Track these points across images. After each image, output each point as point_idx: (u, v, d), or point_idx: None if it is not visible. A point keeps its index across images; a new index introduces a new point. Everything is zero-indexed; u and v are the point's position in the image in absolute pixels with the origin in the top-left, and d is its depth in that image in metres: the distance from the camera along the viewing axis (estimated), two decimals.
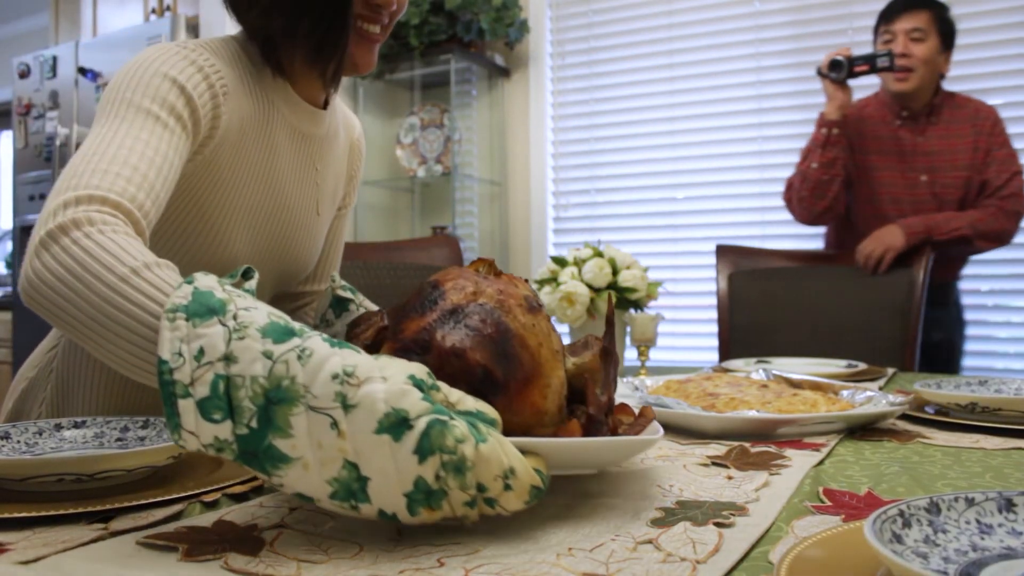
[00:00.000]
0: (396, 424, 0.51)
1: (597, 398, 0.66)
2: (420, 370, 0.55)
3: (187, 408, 0.52)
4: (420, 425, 0.51)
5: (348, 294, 1.02)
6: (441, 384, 0.56)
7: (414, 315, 0.63)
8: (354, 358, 0.54)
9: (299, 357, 0.53)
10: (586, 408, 0.66)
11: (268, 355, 0.53)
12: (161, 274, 0.63)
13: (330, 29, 0.93)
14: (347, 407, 0.52)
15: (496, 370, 0.60)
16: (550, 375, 0.63)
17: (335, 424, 0.52)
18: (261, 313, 0.56)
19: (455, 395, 0.56)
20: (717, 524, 0.58)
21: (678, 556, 0.51)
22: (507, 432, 0.58)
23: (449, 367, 0.60)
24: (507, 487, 0.53)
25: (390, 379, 0.53)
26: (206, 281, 0.58)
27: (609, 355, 0.69)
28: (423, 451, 0.51)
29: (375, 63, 1.01)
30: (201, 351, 0.53)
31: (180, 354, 0.53)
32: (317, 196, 1.09)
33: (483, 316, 0.62)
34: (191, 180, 0.91)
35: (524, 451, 0.56)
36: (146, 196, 0.77)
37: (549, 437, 0.62)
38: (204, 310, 0.55)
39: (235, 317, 0.55)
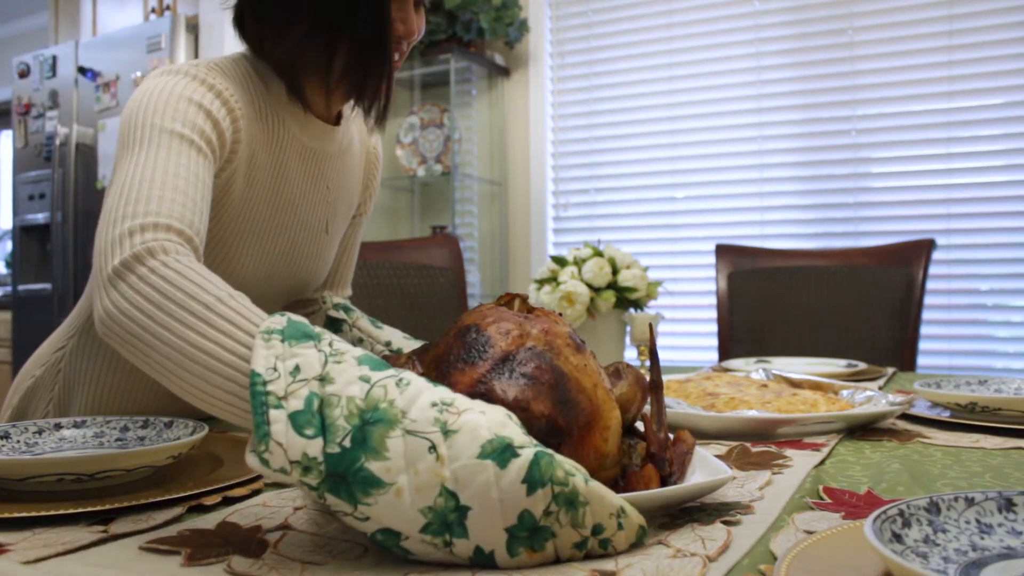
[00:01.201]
0: (501, 450, 0.49)
1: (656, 436, 0.63)
2: (514, 428, 0.52)
3: (278, 418, 0.50)
4: (527, 454, 0.49)
5: (341, 314, 1.01)
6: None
7: (462, 365, 0.60)
8: (451, 394, 0.53)
9: (397, 384, 0.52)
10: (646, 445, 0.64)
11: (365, 379, 0.52)
12: (244, 303, 0.61)
13: (371, 66, 0.93)
14: (447, 432, 0.50)
15: (559, 419, 0.58)
16: (608, 417, 0.61)
17: (434, 448, 0.49)
18: (355, 348, 0.56)
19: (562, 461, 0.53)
20: (725, 522, 0.58)
21: (688, 552, 0.52)
22: None
23: None
24: (620, 526, 0.51)
25: (489, 412, 0.51)
26: (297, 316, 0.58)
27: (659, 388, 0.67)
28: (532, 481, 0.48)
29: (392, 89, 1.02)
30: (297, 368, 0.52)
31: (275, 369, 0.52)
32: (327, 215, 1.08)
33: (538, 363, 0.59)
34: None
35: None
36: (199, 220, 0.77)
37: (623, 486, 0.61)
38: (300, 334, 0.55)
39: (331, 344, 0.55)
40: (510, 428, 0.50)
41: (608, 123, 3.31)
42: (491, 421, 0.50)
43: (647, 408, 0.67)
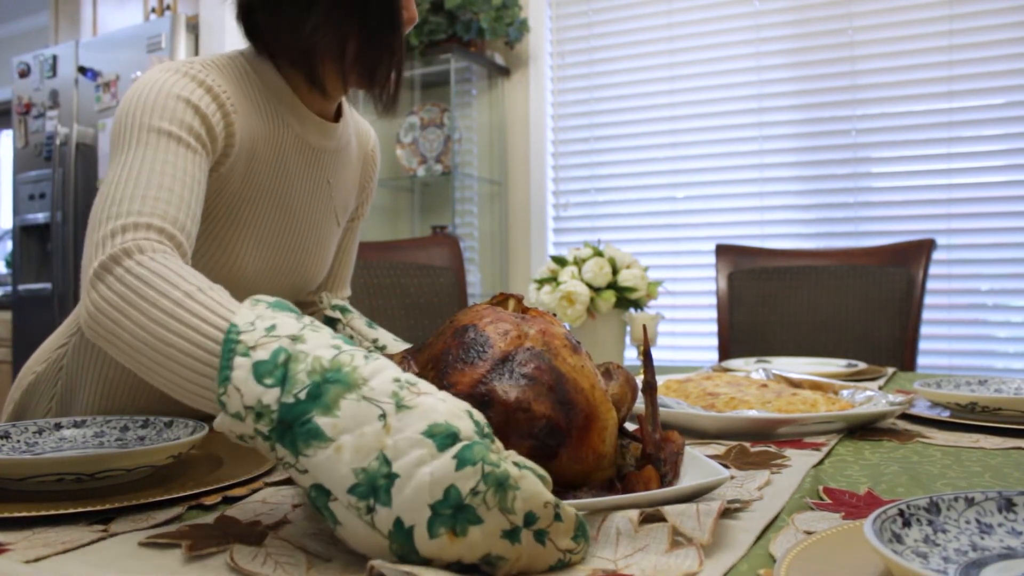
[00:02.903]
0: (444, 435, 0.48)
1: (652, 436, 0.63)
2: (481, 416, 0.51)
3: (242, 364, 0.53)
4: (466, 442, 0.49)
5: (337, 314, 1.02)
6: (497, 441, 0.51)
7: (461, 365, 0.59)
8: (416, 377, 0.53)
9: (366, 357, 0.53)
10: (641, 446, 0.64)
11: (336, 347, 0.54)
12: (216, 296, 0.62)
13: (383, 51, 0.94)
14: (400, 406, 0.50)
15: (559, 420, 0.58)
16: (606, 417, 0.61)
17: (384, 416, 0.50)
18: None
19: (509, 454, 0.51)
20: (723, 517, 0.58)
21: (684, 540, 0.52)
22: (569, 481, 0.58)
23: (515, 422, 0.57)
24: (557, 517, 0.49)
25: (449, 401, 0.51)
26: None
27: (653, 389, 0.66)
28: (463, 459, 0.47)
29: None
30: (273, 327, 0.55)
31: (252, 324, 0.55)
32: (334, 209, 1.09)
33: (537, 363, 0.59)
34: (207, 202, 0.92)
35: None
36: (186, 216, 0.79)
37: (622, 488, 0.61)
38: (285, 307, 0.58)
39: (312, 323, 0.57)
40: (464, 422, 0.50)
41: (608, 123, 3.31)
42: (448, 410, 0.50)
43: (641, 408, 0.67)
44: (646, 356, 0.68)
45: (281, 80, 0.98)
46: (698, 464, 0.67)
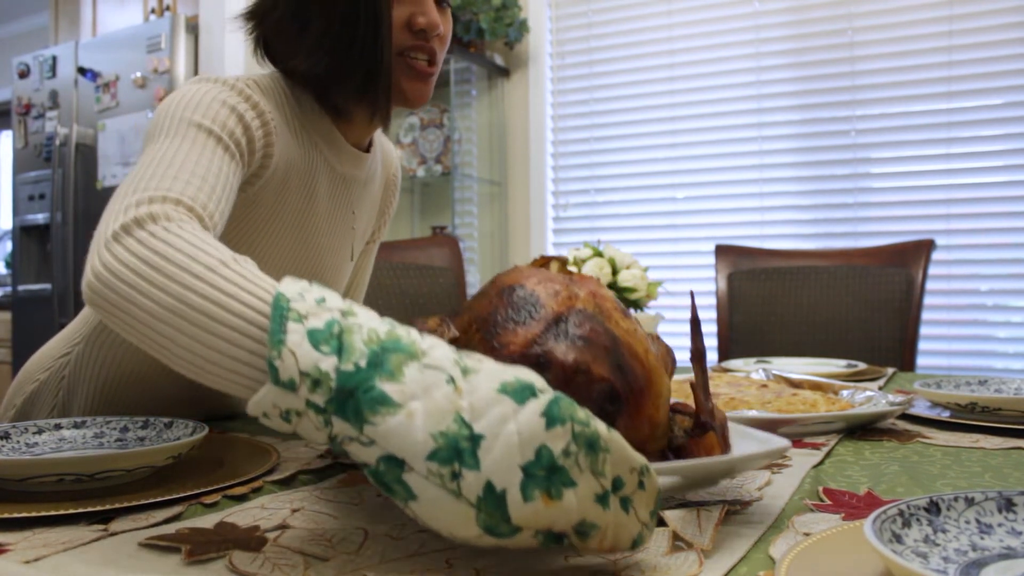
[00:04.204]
0: (520, 389, 0.45)
1: (705, 405, 0.60)
2: (538, 377, 0.48)
3: (296, 330, 0.48)
4: (548, 394, 0.45)
5: None
6: None
7: (512, 325, 0.56)
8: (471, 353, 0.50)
9: (421, 334, 0.50)
10: (696, 414, 0.61)
11: (389, 322, 0.51)
12: (251, 268, 0.57)
13: (371, 66, 0.92)
14: (466, 370, 0.47)
15: (618, 384, 0.54)
16: (660, 384, 0.58)
17: (452, 380, 0.46)
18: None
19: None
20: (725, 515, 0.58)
21: (684, 544, 0.52)
22: None
23: (574, 385, 0.53)
24: (641, 485, 0.46)
25: (511, 367, 0.48)
26: None
27: (703, 357, 0.63)
28: (552, 417, 0.44)
29: (429, 96, 0.99)
30: (323, 299, 0.51)
31: (301, 295, 0.50)
32: (352, 241, 1.07)
33: (592, 325, 0.56)
34: (229, 218, 0.89)
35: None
36: (215, 205, 0.73)
37: (665, 457, 0.58)
38: (328, 287, 0.55)
39: (352, 304, 0.53)
40: (534, 376, 0.47)
41: (608, 123, 3.31)
42: (515, 369, 0.47)
43: (690, 378, 0.65)
44: (695, 323, 0.64)
45: (318, 107, 0.97)
46: (745, 434, 0.65)
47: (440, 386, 0.46)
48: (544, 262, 0.64)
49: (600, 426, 0.45)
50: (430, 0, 0.95)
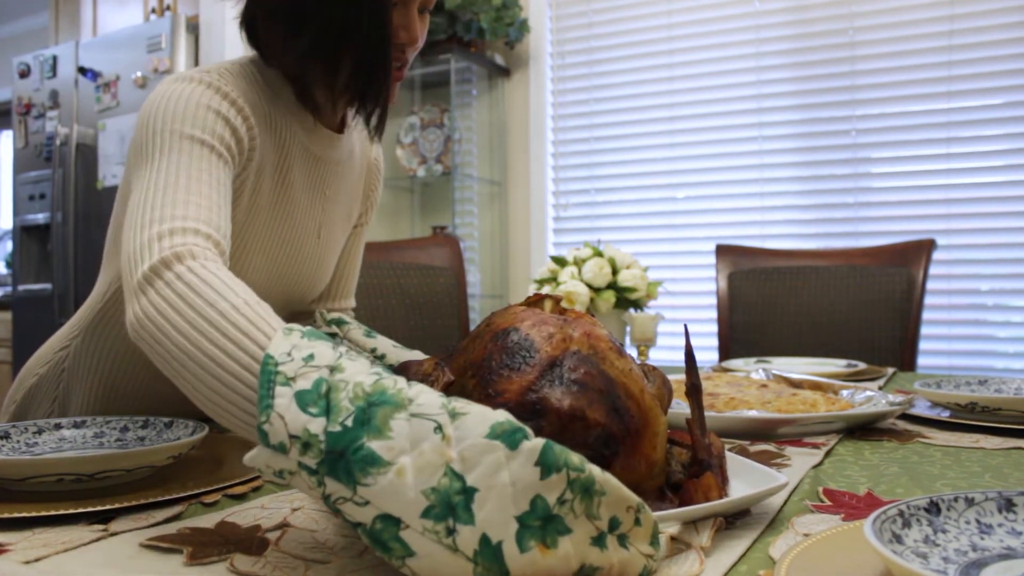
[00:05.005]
0: (511, 431, 0.45)
1: (702, 441, 0.60)
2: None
3: (283, 393, 0.49)
4: (538, 441, 0.45)
5: (334, 328, 1.01)
6: None
7: (507, 372, 0.56)
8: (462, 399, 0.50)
9: (408, 382, 0.51)
10: (692, 452, 0.61)
11: (376, 374, 0.51)
12: (261, 312, 0.60)
13: (372, 76, 0.93)
14: (454, 415, 0.47)
15: (613, 427, 0.55)
16: (656, 423, 0.58)
17: (440, 428, 0.46)
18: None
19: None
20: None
21: (683, 546, 0.52)
22: None
23: (570, 431, 0.54)
24: (638, 521, 0.46)
25: (499, 413, 0.48)
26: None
27: (699, 392, 0.63)
28: (547, 464, 0.44)
29: (396, 97, 1.01)
30: (311, 356, 0.51)
31: (289, 355, 0.51)
32: (320, 220, 1.08)
33: (587, 368, 0.56)
34: None
35: None
36: (225, 221, 0.78)
37: (679, 497, 0.58)
38: (320, 335, 0.54)
39: (347, 352, 0.54)
40: (521, 426, 0.47)
41: (608, 123, 3.31)
42: (503, 414, 0.48)
43: (682, 412, 0.64)
44: (689, 357, 0.64)
45: (289, 90, 0.98)
46: (743, 467, 0.65)
47: (428, 437, 0.46)
48: (537, 299, 0.64)
49: (595, 470, 0.45)
50: (414, 14, 0.95)
